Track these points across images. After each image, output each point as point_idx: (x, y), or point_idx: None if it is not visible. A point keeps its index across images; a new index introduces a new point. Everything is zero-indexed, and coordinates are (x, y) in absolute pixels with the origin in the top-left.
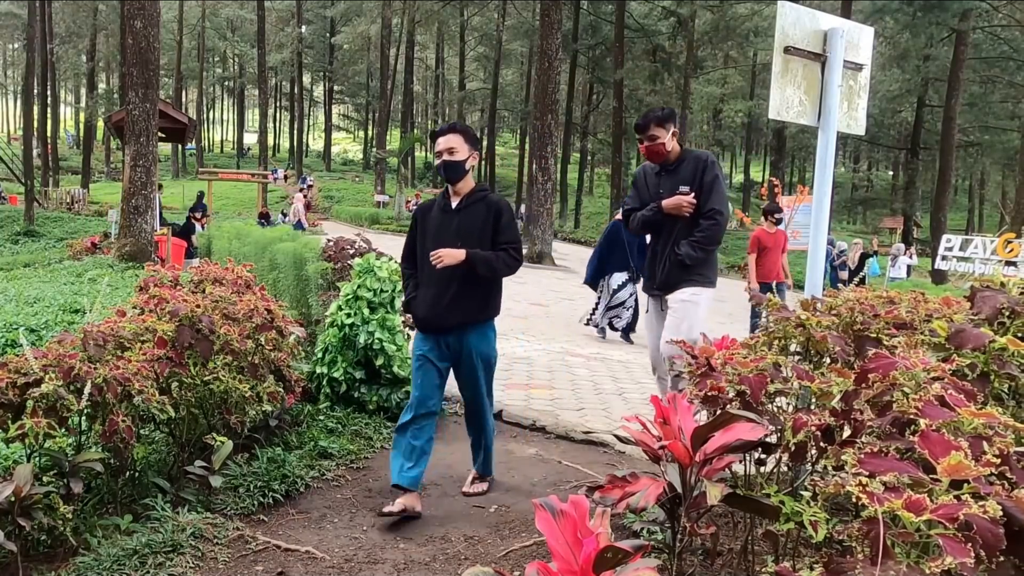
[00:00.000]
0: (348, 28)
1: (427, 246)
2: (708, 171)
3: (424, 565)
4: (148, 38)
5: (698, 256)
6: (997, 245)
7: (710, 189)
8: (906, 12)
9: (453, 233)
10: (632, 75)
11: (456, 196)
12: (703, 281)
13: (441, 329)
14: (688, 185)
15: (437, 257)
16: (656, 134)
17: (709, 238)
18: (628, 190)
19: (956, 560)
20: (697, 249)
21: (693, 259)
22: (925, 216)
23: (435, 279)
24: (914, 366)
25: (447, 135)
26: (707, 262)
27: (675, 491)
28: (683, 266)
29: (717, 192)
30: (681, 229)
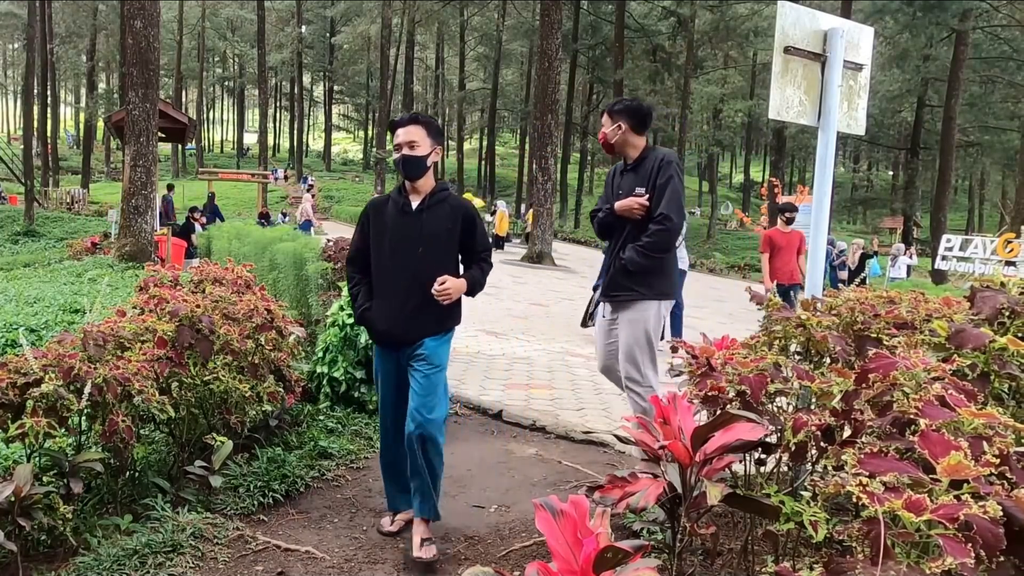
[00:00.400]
0: (348, 28)
1: (384, 250)
2: (662, 172)
3: (424, 565)
4: (148, 38)
5: (642, 263)
6: (997, 245)
7: (662, 192)
8: (906, 12)
9: (416, 238)
10: (632, 75)
11: (416, 195)
12: (649, 293)
13: (403, 342)
14: (644, 186)
15: (444, 293)
16: (603, 122)
17: (654, 244)
18: None
19: (956, 560)
20: (641, 255)
21: (636, 265)
22: (925, 216)
23: (393, 289)
24: (914, 366)
25: (407, 126)
26: (656, 271)
27: (675, 491)
28: (627, 273)
29: (670, 195)
30: (631, 233)
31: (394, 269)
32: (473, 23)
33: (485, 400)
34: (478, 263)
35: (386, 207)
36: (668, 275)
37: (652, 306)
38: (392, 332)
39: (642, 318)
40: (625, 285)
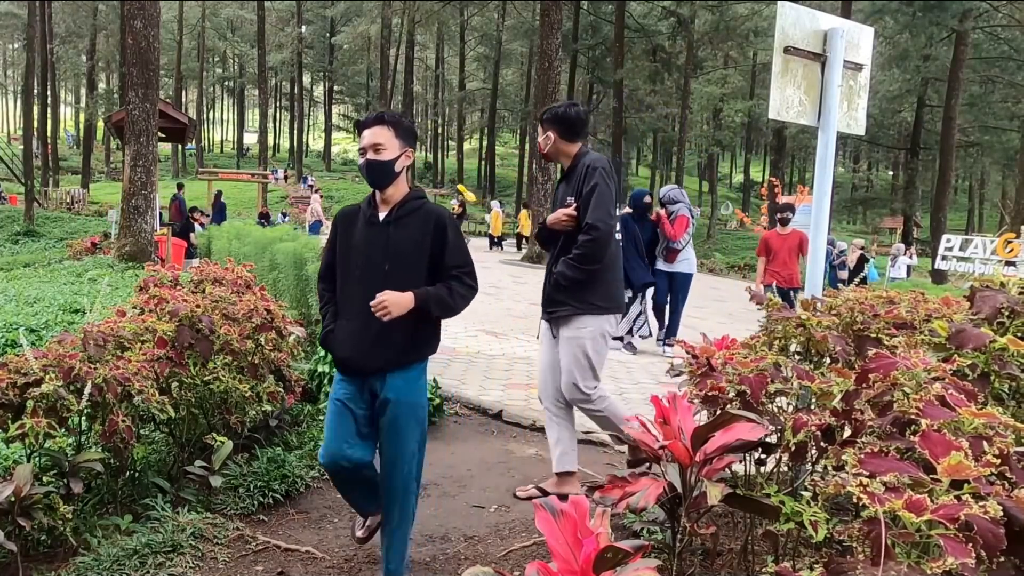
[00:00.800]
0: (348, 28)
1: (349, 265)
2: (588, 179)
3: (424, 565)
4: (148, 38)
5: (573, 276)
6: (997, 245)
7: (587, 200)
8: (906, 12)
9: (382, 253)
10: (632, 75)
11: (384, 205)
12: (587, 308)
13: (366, 371)
14: (574, 195)
15: (382, 308)
16: (538, 131)
17: (583, 256)
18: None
19: (957, 560)
20: (572, 268)
21: (567, 279)
22: (925, 216)
23: (357, 310)
24: (915, 366)
25: (373, 127)
26: (591, 285)
27: (675, 491)
28: (560, 287)
29: (595, 203)
30: (564, 246)
31: (359, 288)
32: (473, 23)
33: (485, 400)
34: (447, 281)
35: (356, 218)
36: (608, 286)
37: (590, 321)
38: (353, 359)
39: (579, 335)
40: (560, 300)
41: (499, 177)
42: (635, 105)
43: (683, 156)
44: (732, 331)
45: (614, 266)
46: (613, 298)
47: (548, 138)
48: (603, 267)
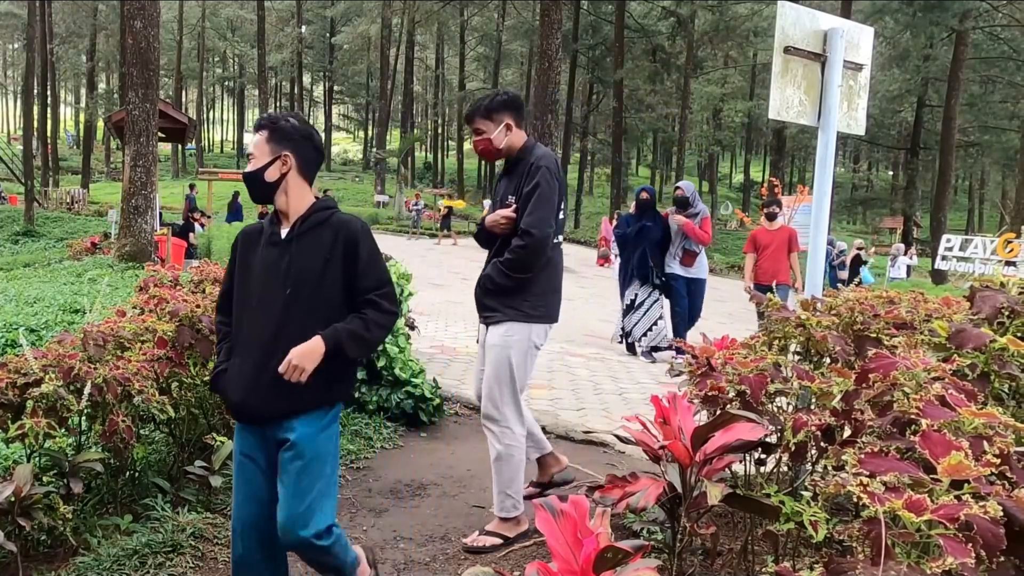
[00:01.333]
0: (348, 28)
1: (245, 293)
2: (530, 178)
3: (424, 565)
4: (148, 38)
5: (501, 283)
6: (997, 245)
7: (527, 201)
8: (906, 12)
9: (282, 277)
10: (632, 75)
11: (287, 220)
12: (516, 315)
13: (264, 419)
14: (515, 193)
15: (293, 372)
16: (481, 127)
17: (512, 263)
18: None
19: (957, 560)
20: (499, 274)
21: (496, 285)
22: (925, 216)
23: (252, 345)
24: (915, 366)
25: (254, 134)
26: (524, 291)
27: (675, 491)
28: (487, 291)
29: (534, 206)
30: (501, 248)
31: (256, 319)
32: (473, 23)
33: None
34: (361, 308)
35: (258, 238)
36: (544, 294)
37: (520, 329)
38: (248, 404)
39: (505, 343)
40: (489, 305)
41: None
42: (635, 105)
43: (683, 156)
44: (732, 331)
45: (551, 274)
46: (546, 307)
47: (508, 128)
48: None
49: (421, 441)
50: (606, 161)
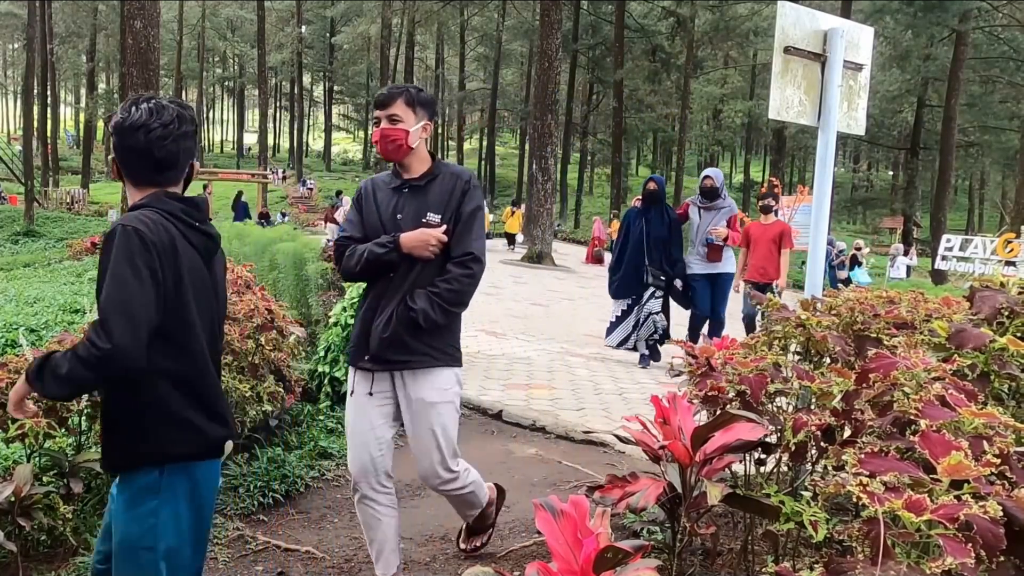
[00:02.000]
0: (348, 28)
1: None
2: (469, 198)
3: (424, 565)
4: (148, 38)
5: (437, 318)
6: (997, 245)
7: (470, 223)
8: (906, 12)
9: None
10: (632, 75)
11: None
12: (449, 360)
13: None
14: (439, 213)
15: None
16: (399, 114)
17: (457, 294)
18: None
19: (956, 560)
20: (437, 308)
21: (430, 321)
22: (925, 216)
23: None
24: (915, 366)
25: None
26: (454, 329)
27: (675, 491)
28: (416, 329)
29: (478, 230)
30: (422, 276)
31: None
32: (473, 23)
33: (485, 400)
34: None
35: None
36: (459, 332)
37: (456, 377)
38: None
39: (446, 396)
40: (416, 347)
41: (499, 177)
42: (635, 105)
43: (683, 156)
44: (732, 331)
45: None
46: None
47: (424, 129)
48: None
49: None
50: (606, 161)
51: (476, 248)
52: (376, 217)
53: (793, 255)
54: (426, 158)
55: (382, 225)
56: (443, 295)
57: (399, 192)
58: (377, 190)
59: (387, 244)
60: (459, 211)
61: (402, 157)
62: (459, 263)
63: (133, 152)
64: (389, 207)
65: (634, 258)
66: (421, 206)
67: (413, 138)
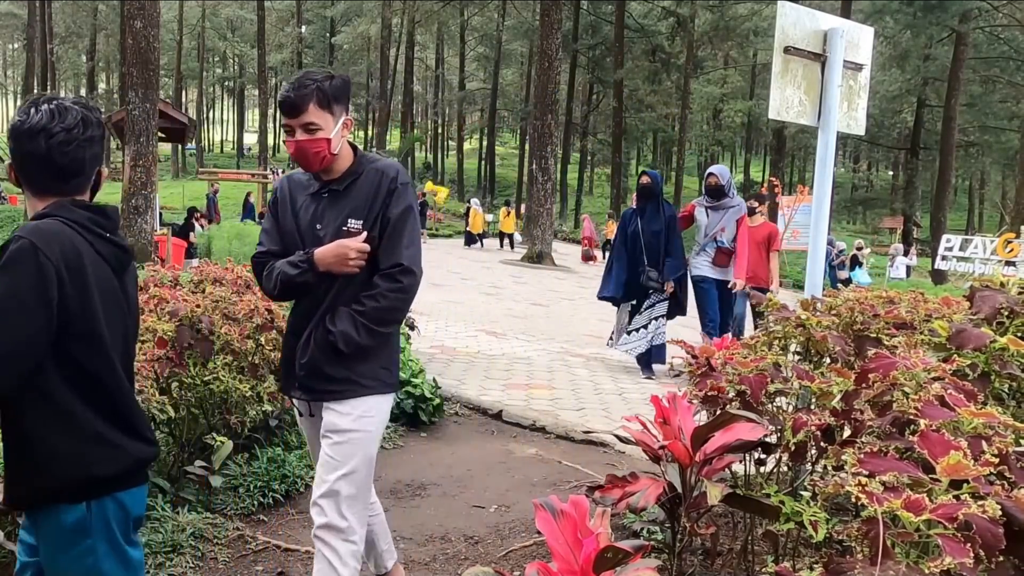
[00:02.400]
0: (348, 28)
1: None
2: (397, 198)
3: (424, 565)
4: (148, 38)
5: (364, 342)
6: (997, 245)
7: (399, 229)
8: (906, 12)
9: None
10: (632, 75)
11: None
12: (378, 387)
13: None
14: (361, 218)
15: None
16: (316, 121)
17: (388, 311)
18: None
19: (955, 560)
20: (361, 329)
21: (353, 345)
22: (925, 216)
23: None
24: (915, 366)
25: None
26: (385, 350)
27: (675, 491)
28: (336, 354)
29: (410, 236)
30: (342, 294)
31: None
32: (473, 23)
33: (485, 400)
34: None
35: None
36: (395, 352)
37: (383, 405)
38: None
39: (366, 427)
40: (339, 375)
41: (499, 177)
42: (635, 105)
43: (683, 156)
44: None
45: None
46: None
47: (345, 127)
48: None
49: (421, 441)
50: (606, 161)
51: (407, 257)
52: (294, 227)
53: (793, 255)
54: (348, 154)
55: (300, 238)
56: (368, 313)
57: (319, 198)
58: (295, 194)
59: (300, 264)
60: (385, 215)
61: (319, 167)
62: (387, 276)
63: (32, 158)
64: (308, 216)
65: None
66: (341, 213)
67: (336, 145)
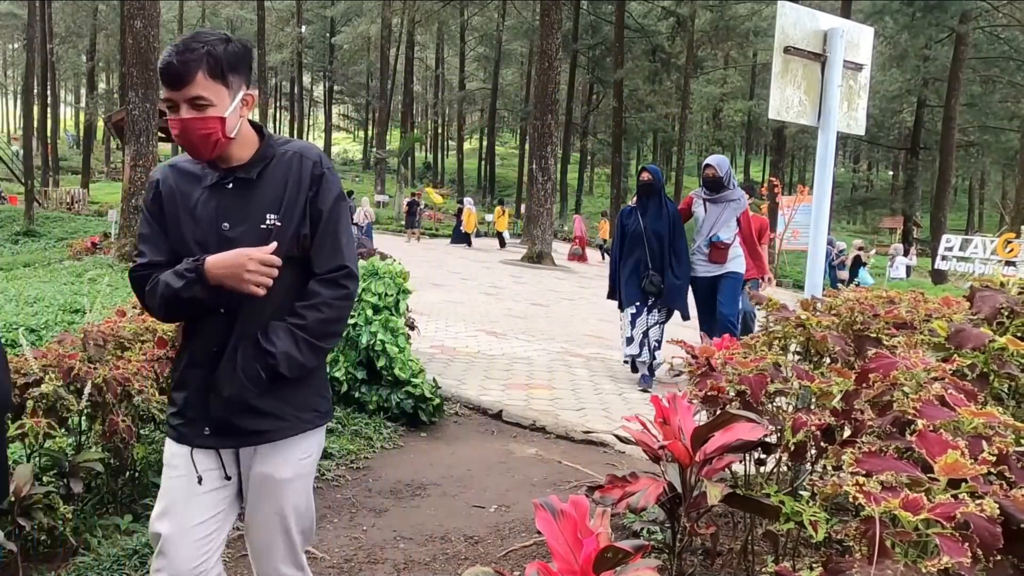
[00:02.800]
0: (348, 28)
1: None
2: (326, 185)
3: (424, 565)
4: (148, 38)
5: (306, 361)
6: (997, 245)
7: (335, 223)
8: (906, 12)
9: None
10: (632, 75)
11: None
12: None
13: None
14: (278, 213)
15: None
16: (204, 95)
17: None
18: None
19: (953, 559)
20: (303, 346)
21: (296, 367)
22: (925, 216)
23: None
24: (914, 366)
25: None
26: (320, 373)
27: (675, 491)
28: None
29: (347, 231)
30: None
31: None
32: (473, 23)
33: (485, 400)
34: None
35: None
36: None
37: (317, 441)
38: None
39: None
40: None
41: (499, 177)
42: (635, 105)
43: (683, 156)
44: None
45: None
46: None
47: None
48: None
49: (421, 441)
50: (606, 161)
51: (349, 258)
52: (190, 230)
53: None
54: (251, 137)
55: (200, 243)
56: (311, 327)
57: (220, 190)
58: (186, 187)
59: (187, 273)
60: (315, 207)
61: (213, 153)
62: (329, 281)
63: None
64: (208, 213)
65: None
66: (257, 207)
67: (231, 126)
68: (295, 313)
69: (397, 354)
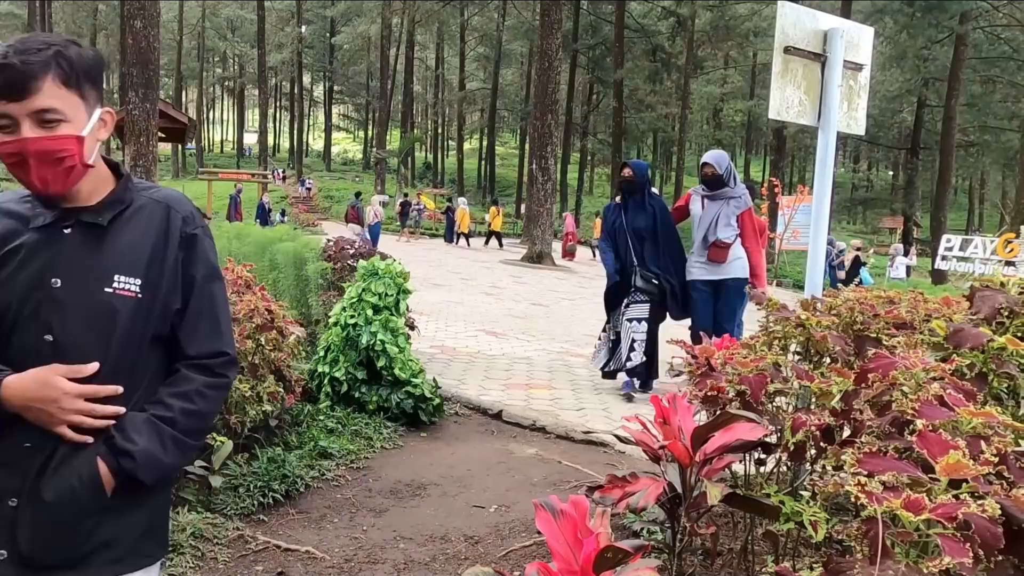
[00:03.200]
0: (348, 28)
1: None
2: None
3: (424, 565)
4: (148, 38)
5: (169, 462)
6: (997, 245)
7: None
8: (906, 12)
9: None
10: (632, 75)
11: None
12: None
13: None
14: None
15: None
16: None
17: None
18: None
19: (954, 559)
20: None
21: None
22: (925, 216)
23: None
24: (914, 366)
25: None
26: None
27: (675, 491)
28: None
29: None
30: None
31: None
32: (473, 23)
33: (485, 400)
34: None
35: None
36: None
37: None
38: None
39: None
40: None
41: (499, 177)
42: (635, 105)
43: (683, 156)
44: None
45: None
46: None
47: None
48: None
49: (421, 441)
50: (606, 161)
51: (229, 343)
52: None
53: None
54: (106, 174)
55: (19, 303)
56: (179, 421)
57: (54, 234)
58: (8, 227)
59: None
60: (187, 274)
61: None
62: (204, 368)
63: None
64: (36, 264)
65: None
66: (103, 264)
67: (89, 150)
68: (160, 402)
69: (397, 354)
